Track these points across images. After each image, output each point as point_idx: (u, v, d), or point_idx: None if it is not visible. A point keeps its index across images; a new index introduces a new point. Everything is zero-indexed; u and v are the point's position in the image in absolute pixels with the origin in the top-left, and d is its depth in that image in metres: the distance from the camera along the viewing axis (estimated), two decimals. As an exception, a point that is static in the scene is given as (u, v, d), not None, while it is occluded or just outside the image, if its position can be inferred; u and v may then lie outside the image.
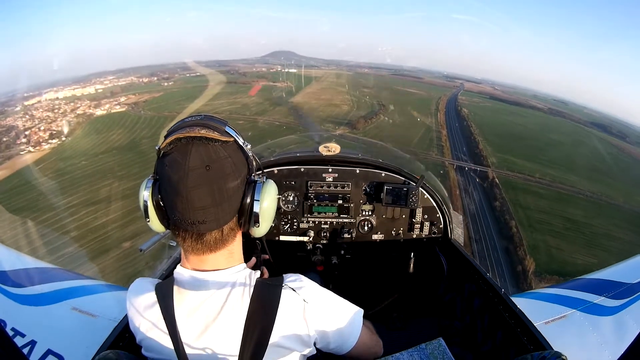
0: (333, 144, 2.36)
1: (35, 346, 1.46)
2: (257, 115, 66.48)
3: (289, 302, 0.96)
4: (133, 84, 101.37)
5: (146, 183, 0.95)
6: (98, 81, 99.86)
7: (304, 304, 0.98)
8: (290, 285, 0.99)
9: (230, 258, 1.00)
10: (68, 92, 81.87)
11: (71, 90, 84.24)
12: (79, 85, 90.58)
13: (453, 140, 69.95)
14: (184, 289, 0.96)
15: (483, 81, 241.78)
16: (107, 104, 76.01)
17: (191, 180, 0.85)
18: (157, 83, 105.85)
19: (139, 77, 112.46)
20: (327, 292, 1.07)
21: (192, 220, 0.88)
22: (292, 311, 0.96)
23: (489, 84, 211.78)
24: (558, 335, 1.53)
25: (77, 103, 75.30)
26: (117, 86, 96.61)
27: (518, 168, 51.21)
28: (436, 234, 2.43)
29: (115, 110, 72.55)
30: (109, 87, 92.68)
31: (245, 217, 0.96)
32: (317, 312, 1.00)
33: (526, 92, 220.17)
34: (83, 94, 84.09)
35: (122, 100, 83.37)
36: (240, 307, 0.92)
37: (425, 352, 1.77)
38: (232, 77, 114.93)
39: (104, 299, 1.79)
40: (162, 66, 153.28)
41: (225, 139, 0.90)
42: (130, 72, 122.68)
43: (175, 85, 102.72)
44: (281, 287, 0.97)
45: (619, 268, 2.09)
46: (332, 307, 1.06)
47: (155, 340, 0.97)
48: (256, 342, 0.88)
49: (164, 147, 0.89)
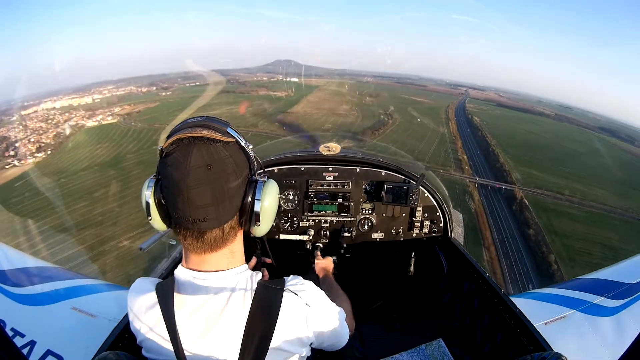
0: (333, 143, 2.38)
1: (35, 346, 1.46)
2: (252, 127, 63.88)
3: (291, 305, 0.95)
4: (131, 94, 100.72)
5: (148, 182, 0.96)
6: (97, 90, 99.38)
7: (306, 307, 0.97)
8: (291, 289, 0.98)
9: (231, 258, 0.99)
10: (65, 102, 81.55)
11: (69, 99, 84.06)
12: (78, 94, 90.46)
13: (469, 152, 63.68)
14: (185, 290, 0.95)
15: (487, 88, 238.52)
16: (100, 115, 75.45)
17: (192, 179, 0.85)
18: (155, 93, 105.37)
19: (138, 86, 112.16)
20: (324, 294, 1.08)
21: (193, 218, 0.88)
22: (293, 315, 0.95)
23: (493, 91, 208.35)
24: (558, 335, 1.54)
25: (72, 113, 74.66)
26: (115, 96, 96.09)
27: (544, 184, 48.27)
28: (436, 232, 2.43)
29: (106, 121, 71.71)
30: (107, 97, 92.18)
31: (246, 216, 0.96)
32: (318, 315, 1.01)
33: (530, 97, 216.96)
34: (80, 104, 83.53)
35: (116, 111, 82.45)
36: (241, 310, 0.91)
37: (425, 353, 1.81)
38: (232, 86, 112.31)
39: (104, 299, 1.79)
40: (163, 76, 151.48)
41: (226, 139, 0.90)
42: (130, 81, 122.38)
43: (173, 95, 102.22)
44: (283, 290, 0.96)
45: (619, 268, 2.06)
46: (330, 311, 1.08)
47: (155, 342, 0.96)
48: (257, 346, 0.88)
49: (166, 147, 0.90)
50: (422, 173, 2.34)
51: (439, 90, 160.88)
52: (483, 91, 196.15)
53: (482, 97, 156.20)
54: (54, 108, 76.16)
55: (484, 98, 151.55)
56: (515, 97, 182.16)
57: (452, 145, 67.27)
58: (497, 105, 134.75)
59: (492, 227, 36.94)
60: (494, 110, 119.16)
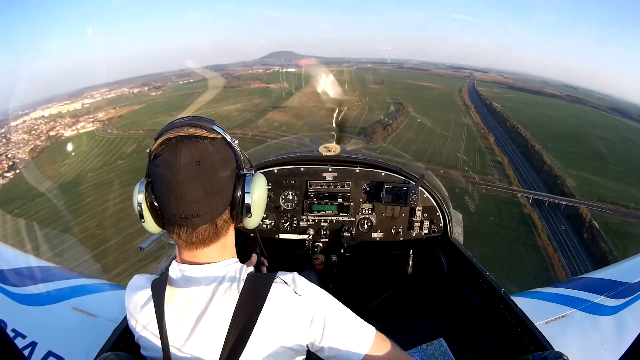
0: (333, 144, 2.37)
1: (36, 348, 1.45)
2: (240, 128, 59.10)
3: (279, 294, 0.93)
4: (122, 96, 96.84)
5: (139, 187, 0.96)
6: (89, 95, 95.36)
7: (295, 296, 0.94)
8: (282, 278, 0.97)
9: (223, 251, 1.00)
10: (55, 109, 77.49)
11: (61, 106, 79.99)
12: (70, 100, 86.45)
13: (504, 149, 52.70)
14: (177, 284, 0.96)
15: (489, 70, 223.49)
16: (83, 122, 70.70)
17: (183, 176, 0.86)
18: (146, 94, 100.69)
19: (131, 87, 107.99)
20: (319, 287, 1.02)
21: (186, 215, 0.89)
22: (282, 303, 0.93)
23: (496, 72, 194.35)
24: (559, 334, 1.54)
25: (57, 122, 70.10)
26: (105, 99, 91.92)
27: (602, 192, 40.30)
28: (436, 232, 2.42)
29: (85, 129, 67.43)
30: (97, 101, 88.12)
31: (237, 209, 0.98)
32: (309, 306, 0.95)
33: (534, 78, 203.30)
34: (69, 110, 79.27)
35: (99, 117, 76.92)
36: (229, 299, 0.92)
37: (426, 353, 1.78)
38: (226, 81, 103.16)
39: (104, 298, 1.78)
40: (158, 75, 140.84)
41: (213, 136, 0.92)
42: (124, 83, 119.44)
43: (163, 95, 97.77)
44: (273, 280, 0.95)
45: (619, 267, 2.06)
46: (326, 302, 0.99)
47: (148, 339, 0.97)
48: (239, 334, 0.87)
49: (155, 149, 0.90)
50: (422, 174, 2.35)
51: (443, 74, 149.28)
52: (487, 73, 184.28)
53: (488, 79, 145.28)
54: (42, 116, 72.48)
55: (490, 80, 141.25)
56: (519, 78, 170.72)
57: (484, 142, 58.25)
58: (508, 87, 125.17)
59: (567, 269, 28.09)
60: (507, 94, 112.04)
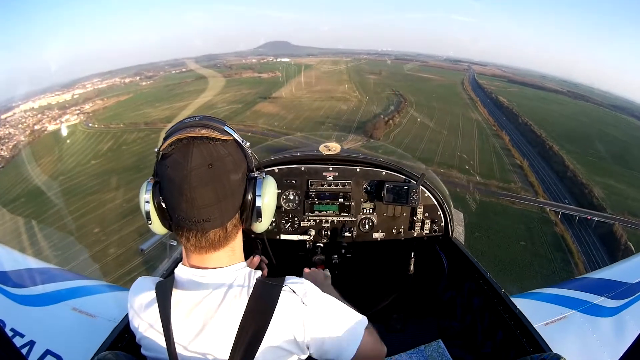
0: (333, 143, 2.36)
1: (34, 346, 1.45)
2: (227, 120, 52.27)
3: (288, 303, 0.92)
4: (113, 86, 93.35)
5: (146, 186, 0.93)
6: (81, 85, 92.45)
7: (302, 307, 0.93)
8: (290, 287, 0.95)
9: (232, 256, 0.98)
10: (44, 101, 74.20)
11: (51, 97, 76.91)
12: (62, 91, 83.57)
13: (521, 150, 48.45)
14: (184, 287, 0.94)
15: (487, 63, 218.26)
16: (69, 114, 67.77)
17: (194, 179, 0.83)
18: (137, 83, 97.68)
19: (123, 77, 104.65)
20: (328, 297, 1.02)
21: (197, 219, 0.87)
22: (289, 312, 0.92)
23: (494, 66, 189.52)
24: (558, 336, 1.54)
25: (45, 114, 66.85)
26: (95, 90, 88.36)
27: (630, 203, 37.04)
28: (437, 232, 2.41)
29: (70, 122, 64.34)
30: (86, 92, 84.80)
31: (248, 213, 0.96)
32: (315, 317, 0.95)
33: (532, 73, 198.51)
34: (58, 102, 76.04)
35: (86, 108, 73.60)
36: (237, 305, 0.90)
37: (424, 354, 1.77)
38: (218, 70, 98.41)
39: (103, 299, 1.79)
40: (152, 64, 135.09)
41: (225, 137, 0.89)
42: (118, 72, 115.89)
43: (153, 85, 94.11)
44: (281, 287, 0.93)
45: (619, 268, 2.05)
46: (332, 314, 1.00)
47: (152, 340, 0.96)
48: (249, 341, 0.86)
49: (164, 149, 0.88)
50: (423, 173, 2.34)
51: (442, 66, 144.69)
52: (485, 66, 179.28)
53: (487, 72, 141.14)
54: (32, 108, 69.86)
55: (489, 74, 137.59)
56: (517, 72, 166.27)
57: (498, 141, 53.55)
58: (509, 81, 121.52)
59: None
60: (510, 88, 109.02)
